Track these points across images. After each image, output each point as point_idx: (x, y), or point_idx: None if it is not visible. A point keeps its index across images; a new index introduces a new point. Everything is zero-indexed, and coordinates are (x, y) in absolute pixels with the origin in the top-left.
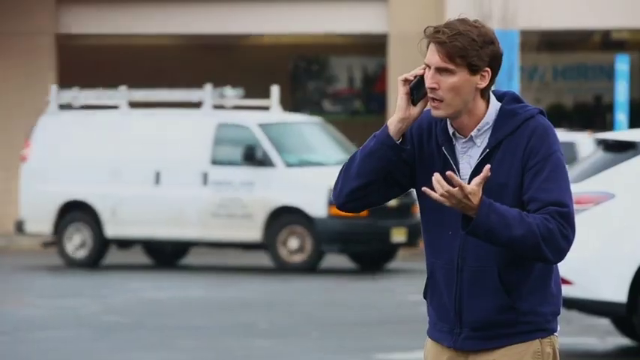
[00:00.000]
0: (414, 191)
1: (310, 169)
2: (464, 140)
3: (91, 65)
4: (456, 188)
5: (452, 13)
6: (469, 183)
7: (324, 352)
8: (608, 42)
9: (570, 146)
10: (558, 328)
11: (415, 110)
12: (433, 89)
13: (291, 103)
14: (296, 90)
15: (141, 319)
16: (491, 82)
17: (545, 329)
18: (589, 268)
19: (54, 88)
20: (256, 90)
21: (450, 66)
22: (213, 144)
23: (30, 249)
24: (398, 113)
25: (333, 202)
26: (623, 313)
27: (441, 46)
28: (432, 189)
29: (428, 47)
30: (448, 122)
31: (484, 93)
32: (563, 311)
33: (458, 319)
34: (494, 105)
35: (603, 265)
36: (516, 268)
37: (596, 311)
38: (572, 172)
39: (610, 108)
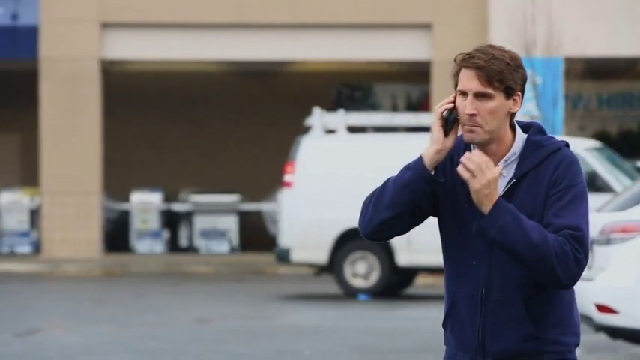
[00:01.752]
0: None
1: None
2: None
3: (135, 90)
4: (488, 166)
5: (496, 40)
6: None
7: None
8: None
9: None
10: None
11: (449, 141)
12: (472, 115)
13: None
14: None
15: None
16: (520, 106)
17: (567, 359)
18: (634, 297)
19: (317, 110)
20: (299, 116)
21: (489, 90)
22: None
23: (74, 275)
24: (435, 145)
25: (361, 230)
26: None
27: (479, 70)
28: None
29: (458, 75)
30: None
31: (512, 120)
32: (608, 340)
33: (481, 349)
34: (521, 135)
35: None
36: (542, 297)
37: None
38: (617, 200)
39: None
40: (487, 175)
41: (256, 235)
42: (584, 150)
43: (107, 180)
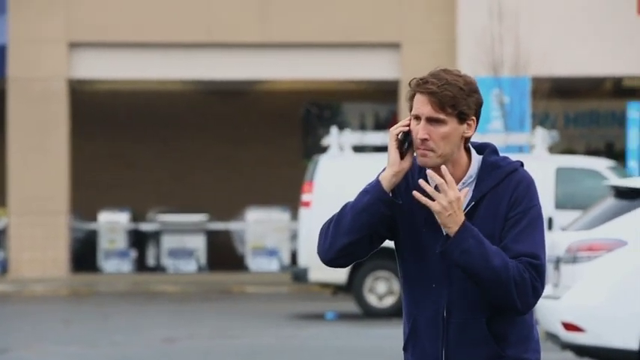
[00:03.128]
0: None
1: None
2: None
3: (104, 110)
4: (449, 187)
5: (463, 60)
6: None
7: None
8: (619, 89)
9: None
10: None
11: (406, 163)
12: (425, 140)
13: (302, 149)
14: (308, 136)
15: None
16: (475, 131)
17: None
18: (601, 315)
19: (334, 129)
20: (268, 136)
21: (442, 115)
22: (554, 188)
23: (41, 295)
24: (392, 167)
25: (320, 257)
26: None
27: (432, 96)
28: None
29: (412, 99)
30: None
31: (466, 143)
32: (575, 358)
33: None
34: (476, 157)
35: (615, 313)
36: (503, 317)
37: (608, 358)
38: (583, 218)
39: (622, 155)
40: (449, 195)
41: (224, 255)
42: (606, 169)
43: (75, 200)
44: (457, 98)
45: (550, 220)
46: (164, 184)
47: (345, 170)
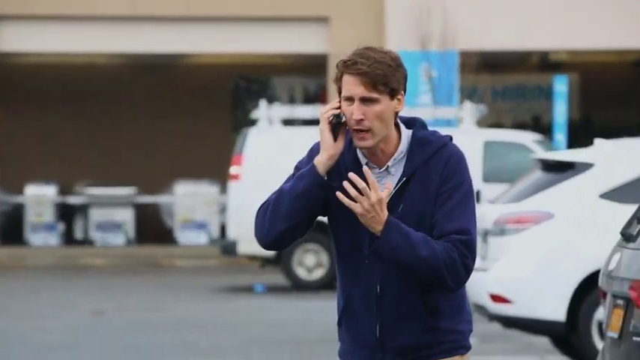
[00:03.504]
0: None
1: None
2: (379, 170)
3: (31, 83)
4: (371, 190)
5: (391, 34)
6: None
7: None
8: (546, 63)
9: None
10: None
11: (339, 145)
12: (360, 120)
13: (231, 123)
14: (237, 109)
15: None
16: (403, 105)
17: (464, 346)
18: (528, 287)
19: (264, 103)
20: (197, 110)
21: (375, 94)
22: (482, 161)
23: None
24: (327, 151)
25: (259, 241)
26: (562, 332)
27: (364, 76)
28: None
29: (340, 80)
30: (359, 152)
31: (396, 119)
32: (502, 330)
33: (380, 345)
34: (406, 132)
35: (542, 284)
36: (436, 290)
37: (535, 330)
38: (511, 191)
39: (549, 128)
40: (371, 198)
41: (153, 228)
42: (533, 142)
43: (2, 173)
44: (387, 76)
45: (478, 193)
46: (92, 157)
47: (275, 143)
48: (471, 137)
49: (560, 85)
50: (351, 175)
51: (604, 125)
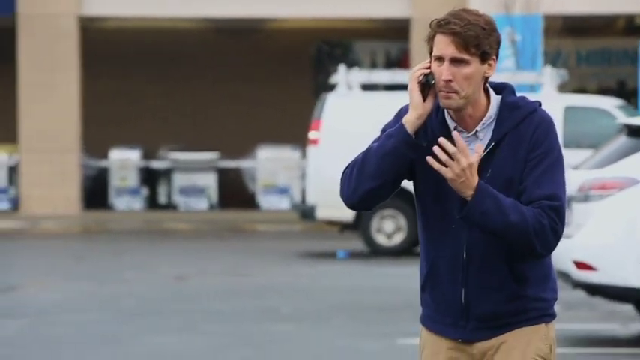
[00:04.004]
0: None
1: None
2: (467, 135)
3: (114, 48)
4: (462, 154)
5: None
6: None
7: (346, 336)
8: (632, 27)
9: None
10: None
11: (428, 105)
12: (449, 81)
13: (313, 88)
14: (319, 74)
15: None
16: (494, 70)
17: (550, 314)
18: (612, 254)
19: (342, 67)
20: (279, 74)
21: (466, 56)
22: (563, 127)
23: (53, 232)
24: (416, 110)
25: (345, 201)
26: None
27: (456, 37)
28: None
29: (433, 40)
30: (447, 116)
31: (485, 83)
32: (586, 297)
33: (465, 311)
34: (495, 97)
35: (627, 251)
36: (523, 257)
37: (620, 297)
38: (595, 157)
39: (634, 93)
40: (462, 163)
41: (235, 193)
42: (615, 107)
43: (85, 137)
44: (480, 38)
45: None
46: (175, 122)
47: (353, 108)
48: (551, 102)
49: None
50: (441, 140)
51: None
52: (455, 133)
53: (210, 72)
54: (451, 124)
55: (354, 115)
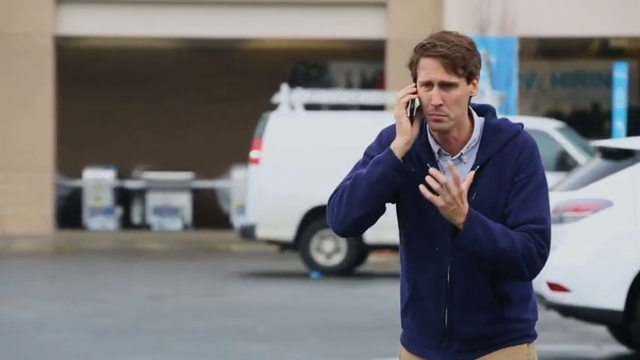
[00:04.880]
0: None
1: None
2: (452, 158)
3: (90, 67)
4: (453, 183)
5: (451, 20)
6: None
7: (320, 356)
8: (606, 49)
9: None
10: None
11: (416, 130)
12: (439, 106)
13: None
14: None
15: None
16: (478, 90)
17: (531, 335)
18: (586, 276)
19: (285, 87)
20: (255, 95)
21: (454, 78)
22: None
23: (26, 252)
24: (404, 136)
25: (334, 229)
26: (619, 321)
27: (444, 59)
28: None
29: (417, 64)
30: (430, 138)
31: (468, 105)
32: (559, 318)
33: (447, 333)
34: (478, 120)
35: (601, 273)
36: (506, 280)
37: (593, 319)
38: (570, 179)
39: (608, 115)
40: (453, 192)
41: (210, 213)
42: (554, 129)
43: (60, 156)
44: (466, 59)
45: None
46: (150, 141)
47: (295, 128)
48: None
49: (620, 72)
50: (432, 170)
51: None
52: (449, 163)
53: (185, 92)
54: (435, 147)
55: (295, 135)
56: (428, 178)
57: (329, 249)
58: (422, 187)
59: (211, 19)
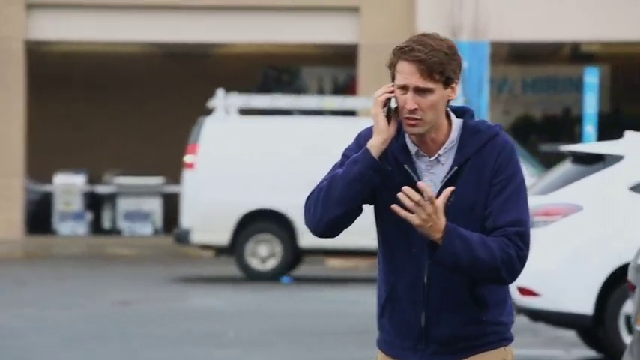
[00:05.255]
0: None
1: None
2: (429, 159)
3: (61, 72)
4: (427, 201)
5: (423, 24)
6: None
7: None
8: (577, 54)
9: None
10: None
11: (392, 129)
12: (414, 110)
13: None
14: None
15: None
16: (457, 93)
17: (508, 338)
18: (556, 280)
19: (221, 91)
20: None
21: (430, 84)
22: None
23: (1, 257)
24: (381, 135)
25: (311, 229)
26: (589, 325)
27: (421, 64)
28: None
29: (396, 66)
30: (408, 139)
31: (447, 107)
32: (529, 323)
33: (424, 335)
34: (456, 121)
35: (570, 277)
36: (483, 282)
37: (562, 323)
38: (540, 184)
39: (578, 120)
40: (427, 209)
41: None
42: None
43: (31, 161)
44: (444, 64)
45: None
46: (120, 146)
47: (230, 133)
48: None
49: (591, 77)
50: (405, 188)
51: (634, 118)
52: (420, 184)
53: (156, 97)
54: (412, 149)
55: (230, 140)
56: (401, 196)
57: (264, 253)
58: (394, 207)
59: (183, 24)
